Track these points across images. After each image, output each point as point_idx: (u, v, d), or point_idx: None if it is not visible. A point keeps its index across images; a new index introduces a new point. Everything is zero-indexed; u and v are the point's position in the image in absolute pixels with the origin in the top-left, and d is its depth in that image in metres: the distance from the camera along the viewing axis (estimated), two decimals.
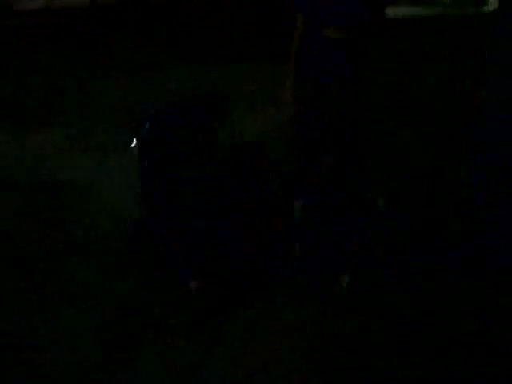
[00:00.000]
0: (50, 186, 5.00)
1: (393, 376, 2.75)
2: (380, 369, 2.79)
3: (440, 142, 5.07)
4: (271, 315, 3.18)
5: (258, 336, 3.04)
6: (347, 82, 3.69)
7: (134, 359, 2.92)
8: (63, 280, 3.57)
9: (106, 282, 3.51)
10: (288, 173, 3.97)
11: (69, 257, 3.79)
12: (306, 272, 3.40)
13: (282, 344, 2.97)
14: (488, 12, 9.03)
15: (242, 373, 2.81)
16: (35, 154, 5.94)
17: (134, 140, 3.36)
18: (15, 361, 2.94)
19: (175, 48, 9.14)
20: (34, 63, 8.82)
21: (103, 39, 9.76)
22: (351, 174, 3.61)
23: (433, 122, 5.57)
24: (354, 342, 2.97)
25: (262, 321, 3.14)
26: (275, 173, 3.93)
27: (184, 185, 3.30)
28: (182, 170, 3.30)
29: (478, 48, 3.62)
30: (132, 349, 2.99)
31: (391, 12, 7.23)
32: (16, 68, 8.64)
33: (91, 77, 8.25)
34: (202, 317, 3.18)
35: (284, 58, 3.75)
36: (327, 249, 3.41)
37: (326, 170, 3.55)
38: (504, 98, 3.43)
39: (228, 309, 3.23)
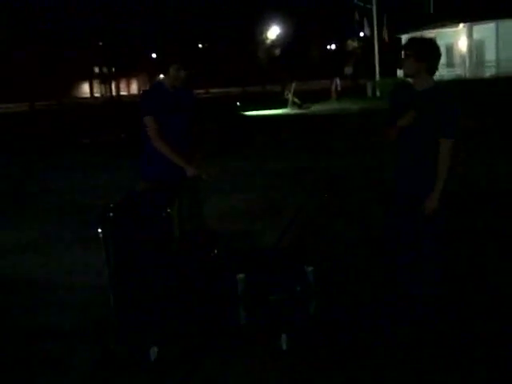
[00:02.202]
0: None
1: None
2: None
3: None
4: (228, 368, 3.76)
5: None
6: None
7: None
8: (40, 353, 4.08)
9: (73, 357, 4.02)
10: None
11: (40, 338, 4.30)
12: (251, 333, 3.98)
13: None
14: None
15: None
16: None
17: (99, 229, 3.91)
18: None
19: None
20: None
21: None
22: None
23: None
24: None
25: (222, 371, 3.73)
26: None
27: (145, 262, 3.87)
28: (144, 249, 3.87)
29: None
30: None
31: None
32: None
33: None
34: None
35: None
36: (268, 314, 4.02)
37: None
38: None
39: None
